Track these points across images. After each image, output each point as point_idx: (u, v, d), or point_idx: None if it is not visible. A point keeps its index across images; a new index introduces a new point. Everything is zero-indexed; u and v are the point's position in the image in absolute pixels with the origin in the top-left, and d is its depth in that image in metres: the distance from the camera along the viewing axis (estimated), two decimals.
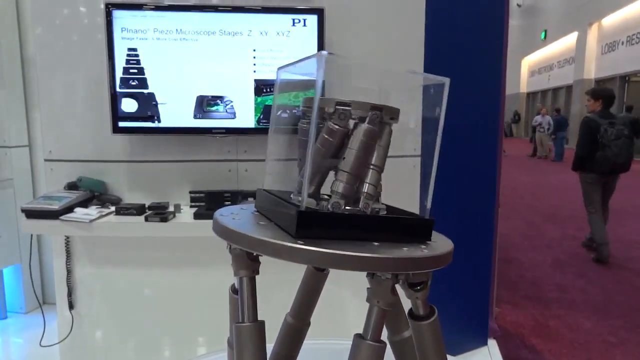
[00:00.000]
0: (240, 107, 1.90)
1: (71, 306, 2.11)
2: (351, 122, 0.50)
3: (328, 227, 0.46)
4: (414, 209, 0.55)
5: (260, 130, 1.93)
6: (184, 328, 2.14)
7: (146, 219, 1.83)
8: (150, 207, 1.93)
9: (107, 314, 2.13)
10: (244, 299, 0.50)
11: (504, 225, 3.95)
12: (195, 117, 1.89)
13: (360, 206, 0.50)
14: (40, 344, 2.24)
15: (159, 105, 1.87)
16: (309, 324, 0.63)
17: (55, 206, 1.75)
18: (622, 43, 14.36)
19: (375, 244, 0.48)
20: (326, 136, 0.49)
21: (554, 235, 5.37)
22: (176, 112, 1.89)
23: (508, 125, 20.01)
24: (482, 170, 2.44)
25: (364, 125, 0.48)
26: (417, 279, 0.51)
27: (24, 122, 2.75)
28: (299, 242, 0.44)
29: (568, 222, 6.05)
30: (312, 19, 1.84)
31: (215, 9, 1.83)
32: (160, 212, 1.87)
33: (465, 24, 2.13)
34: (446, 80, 0.48)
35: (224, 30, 1.84)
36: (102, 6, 1.81)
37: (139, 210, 1.88)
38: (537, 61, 23.08)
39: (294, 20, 1.85)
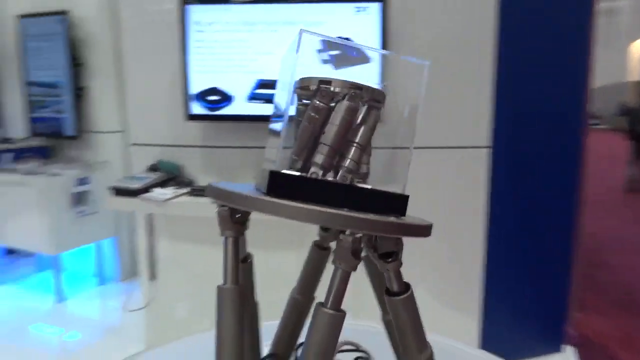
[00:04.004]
0: None
1: (153, 277, 2.32)
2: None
3: (299, 190, 0.49)
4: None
5: None
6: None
7: None
8: None
9: (186, 284, 2.30)
10: (227, 261, 0.54)
11: (594, 225, 3.64)
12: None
13: (338, 178, 0.51)
14: (128, 309, 2.50)
15: (229, 94, 1.99)
16: (314, 299, 0.67)
17: (136, 185, 1.95)
18: None
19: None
20: (312, 113, 0.51)
21: None
22: (245, 100, 1.99)
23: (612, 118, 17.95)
24: (561, 164, 2.28)
25: (344, 102, 0.50)
26: (385, 248, 0.51)
27: (117, 109, 2.90)
28: (267, 196, 0.47)
29: None
30: (375, 7, 1.83)
31: (279, 0, 1.89)
32: None
33: (543, 7, 1.98)
34: (425, 63, 0.48)
35: (287, 20, 1.90)
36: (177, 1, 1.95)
37: None
38: None
39: (357, 8, 1.85)
